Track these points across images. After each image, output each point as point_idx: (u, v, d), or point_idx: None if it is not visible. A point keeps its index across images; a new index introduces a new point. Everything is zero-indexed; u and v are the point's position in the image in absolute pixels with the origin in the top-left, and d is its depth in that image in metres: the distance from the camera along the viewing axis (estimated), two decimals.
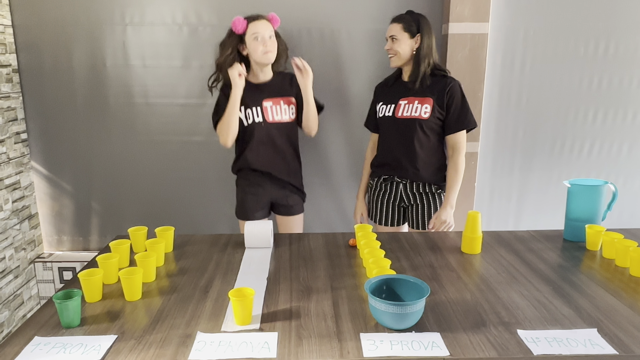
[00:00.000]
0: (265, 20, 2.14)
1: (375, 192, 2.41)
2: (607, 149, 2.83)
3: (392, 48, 2.21)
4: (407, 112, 2.22)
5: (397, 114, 2.24)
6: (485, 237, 1.93)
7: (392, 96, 2.28)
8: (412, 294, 1.32)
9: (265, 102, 2.20)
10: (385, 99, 2.30)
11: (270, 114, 2.21)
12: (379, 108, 2.32)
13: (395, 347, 1.17)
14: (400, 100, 2.24)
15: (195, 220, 2.87)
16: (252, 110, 2.20)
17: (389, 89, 2.31)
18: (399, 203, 2.36)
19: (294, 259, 1.75)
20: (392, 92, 2.29)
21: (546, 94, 2.75)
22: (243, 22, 2.10)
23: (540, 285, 1.52)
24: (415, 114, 2.20)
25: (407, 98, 2.23)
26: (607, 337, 1.22)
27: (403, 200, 2.34)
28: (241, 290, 1.31)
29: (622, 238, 1.71)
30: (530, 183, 2.88)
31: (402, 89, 2.26)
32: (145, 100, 2.73)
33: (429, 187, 2.29)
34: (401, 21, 2.20)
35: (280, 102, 2.23)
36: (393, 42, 2.20)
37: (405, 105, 2.22)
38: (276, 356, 1.15)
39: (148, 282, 1.55)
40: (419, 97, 2.21)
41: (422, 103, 2.20)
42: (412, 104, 2.21)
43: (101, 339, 1.22)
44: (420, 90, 2.20)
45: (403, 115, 2.22)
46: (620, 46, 2.68)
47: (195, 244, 1.91)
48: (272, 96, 2.23)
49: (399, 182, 2.31)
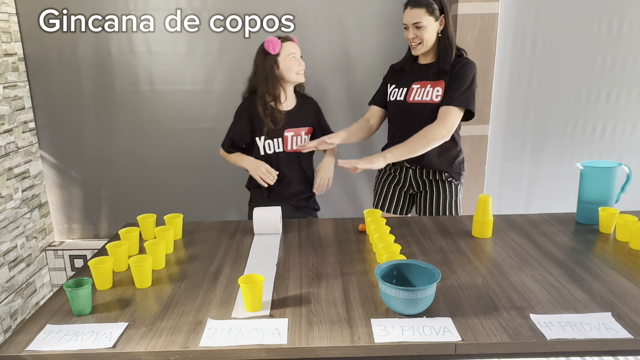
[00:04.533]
0: (294, 42, 2.14)
1: (382, 177, 2.34)
2: (620, 130, 2.78)
3: (417, 36, 2.03)
4: (418, 97, 2.11)
5: (408, 98, 2.13)
6: (496, 220, 1.91)
7: (406, 80, 2.16)
8: (422, 279, 1.31)
9: (287, 132, 2.17)
10: (398, 82, 2.19)
11: (290, 143, 2.19)
12: (390, 90, 2.21)
13: (406, 333, 1.16)
14: (413, 84, 2.13)
15: (204, 206, 2.87)
16: (273, 141, 2.17)
17: (403, 73, 2.19)
18: (407, 190, 2.29)
19: (303, 245, 1.74)
20: (406, 76, 2.17)
21: (558, 74, 2.70)
22: (278, 42, 2.08)
23: (552, 269, 1.51)
24: (427, 98, 2.10)
25: (420, 82, 2.12)
26: (621, 321, 1.20)
27: (412, 186, 2.27)
28: (251, 276, 1.31)
29: (636, 220, 1.68)
30: (541, 166, 2.84)
31: (417, 73, 2.14)
32: (151, 87, 2.71)
33: (439, 174, 2.19)
34: (423, 5, 1.99)
35: (301, 133, 2.21)
36: (418, 29, 2.01)
37: (417, 89, 2.12)
38: (287, 342, 1.14)
39: (158, 269, 1.55)
40: (432, 80, 2.10)
41: (434, 86, 2.09)
42: (424, 88, 2.11)
43: (112, 326, 1.22)
44: (436, 73, 2.09)
45: (414, 100, 2.12)
46: (635, 24, 2.61)
47: (204, 231, 1.91)
48: (295, 126, 2.19)
49: (409, 168, 2.23)
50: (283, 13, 2.58)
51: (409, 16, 2.03)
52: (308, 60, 2.20)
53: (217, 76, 2.68)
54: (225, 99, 2.68)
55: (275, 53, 2.08)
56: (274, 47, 2.07)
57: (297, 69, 2.11)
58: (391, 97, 2.20)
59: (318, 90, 2.57)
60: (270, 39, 2.08)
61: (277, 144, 2.17)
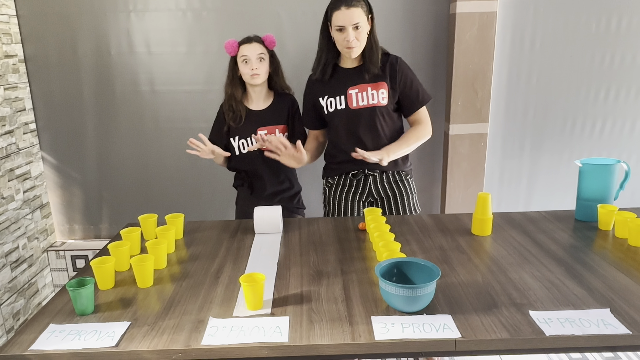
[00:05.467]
0: (256, 43, 2.10)
1: (337, 190, 2.19)
2: (619, 128, 2.79)
3: (356, 38, 1.91)
4: (363, 101, 2.01)
5: (350, 104, 2.02)
6: (496, 218, 1.92)
7: (337, 87, 2.04)
8: (422, 276, 1.32)
9: (260, 130, 2.16)
10: (330, 92, 2.05)
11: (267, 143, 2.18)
12: (325, 102, 2.06)
13: (406, 330, 1.17)
14: (349, 90, 2.02)
15: (205, 206, 2.88)
16: (247, 140, 2.17)
17: (330, 81, 2.05)
18: (365, 199, 2.18)
19: (303, 244, 1.75)
20: (335, 83, 2.04)
21: (557, 72, 2.70)
22: (234, 45, 2.10)
23: (552, 266, 1.51)
24: (373, 101, 2.01)
25: (357, 86, 2.01)
26: (620, 317, 1.21)
27: (372, 194, 2.16)
28: (252, 275, 1.32)
29: (634, 217, 1.69)
30: (540, 164, 2.85)
31: (348, 78, 2.03)
32: (151, 87, 2.72)
33: (399, 175, 2.14)
34: (359, 4, 1.88)
35: (275, 131, 2.19)
36: (356, 30, 1.90)
37: (356, 94, 2.01)
38: (288, 340, 1.15)
39: (159, 269, 1.56)
40: (370, 83, 2.01)
41: (376, 89, 2.01)
42: (364, 92, 2.01)
43: (115, 325, 1.23)
44: (373, 76, 2.01)
45: (359, 105, 2.01)
46: (633, 22, 2.62)
47: (205, 230, 1.92)
48: (268, 124, 2.18)
49: (369, 176, 2.12)
50: (279, 11, 2.59)
51: (347, 17, 1.88)
52: (298, 60, 2.20)
53: (216, 76, 2.68)
54: None
55: (233, 55, 2.10)
56: (230, 50, 2.10)
57: (248, 72, 2.07)
58: (329, 109, 2.06)
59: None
60: (228, 42, 2.09)
61: (251, 143, 2.17)
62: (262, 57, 2.08)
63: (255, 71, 2.06)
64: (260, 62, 2.08)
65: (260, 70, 2.08)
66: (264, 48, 2.10)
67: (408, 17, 2.62)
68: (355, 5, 1.88)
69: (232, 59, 2.13)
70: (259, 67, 2.07)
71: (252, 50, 2.07)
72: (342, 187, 2.18)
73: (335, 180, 2.19)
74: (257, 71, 2.07)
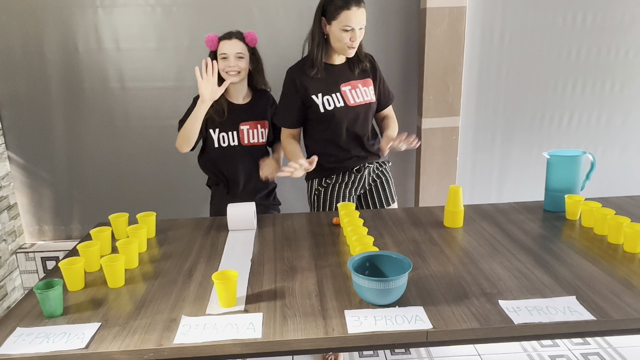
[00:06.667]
0: (237, 39, 2.08)
1: (335, 188, 2.16)
2: (586, 120, 2.86)
3: (359, 38, 1.94)
4: (358, 98, 2.04)
5: (348, 101, 2.03)
6: (468, 210, 1.95)
7: (330, 84, 2.03)
8: (395, 269, 1.33)
9: (242, 125, 2.16)
10: (324, 89, 2.03)
11: (246, 137, 2.17)
12: (322, 100, 2.03)
13: (379, 323, 1.18)
14: (341, 86, 2.03)
15: (179, 204, 2.85)
16: (228, 134, 2.15)
17: (322, 78, 2.02)
18: (355, 191, 2.20)
19: (277, 240, 1.75)
20: (327, 80, 2.03)
21: (526, 66, 2.76)
22: (214, 40, 2.07)
23: (521, 256, 1.55)
24: (367, 97, 2.06)
25: (348, 83, 2.04)
26: (585, 304, 1.25)
27: (364, 185, 2.20)
28: (225, 272, 1.31)
29: (600, 207, 1.74)
30: (511, 156, 2.91)
31: (337, 75, 2.04)
32: (121, 84, 2.67)
33: (384, 164, 2.24)
34: (363, 4, 1.89)
35: (257, 126, 2.19)
36: (360, 30, 1.92)
37: (350, 90, 2.03)
38: (261, 336, 1.15)
39: (131, 268, 1.54)
40: (359, 79, 2.06)
41: (366, 85, 2.06)
42: (356, 89, 2.04)
43: (85, 327, 1.21)
44: (360, 72, 2.06)
45: (356, 102, 2.04)
46: (597, 17, 2.68)
47: (178, 229, 1.90)
48: (250, 119, 2.18)
49: (368, 167, 2.17)
50: (251, 6, 2.57)
51: (358, 17, 1.88)
52: (270, 55, 2.20)
53: (188, 72, 2.65)
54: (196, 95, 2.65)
55: (213, 50, 2.08)
56: (210, 44, 2.08)
57: (224, 68, 2.06)
58: (327, 107, 2.03)
59: None
60: (208, 36, 2.07)
61: (232, 137, 2.15)
62: (241, 56, 2.06)
63: (232, 69, 2.05)
64: (239, 60, 2.06)
65: (238, 67, 2.07)
66: (244, 46, 2.08)
67: (380, 12, 2.63)
68: (363, 5, 1.90)
69: (212, 53, 2.10)
70: (236, 66, 2.06)
71: (232, 47, 2.05)
72: (340, 183, 2.16)
73: (332, 180, 2.15)
74: (234, 69, 2.06)
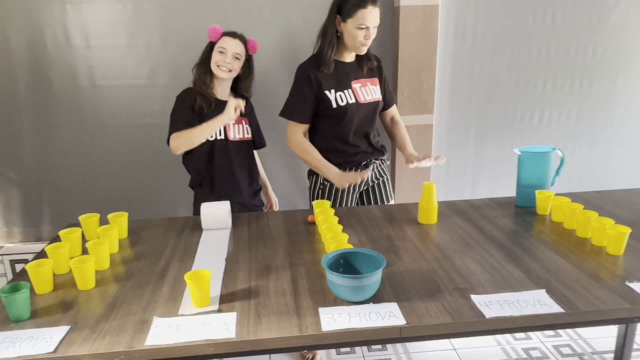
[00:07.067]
0: (239, 40, 2.10)
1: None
2: (556, 117, 2.92)
3: (373, 36, 1.99)
4: (368, 96, 2.11)
5: (359, 99, 2.09)
6: (441, 207, 1.97)
7: (342, 81, 2.07)
8: (369, 266, 1.34)
9: None
10: (336, 86, 2.07)
11: (232, 132, 2.18)
12: (334, 96, 2.06)
13: (353, 320, 1.18)
14: (352, 83, 2.09)
15: (152, 204, 2.81)
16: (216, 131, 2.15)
17: (333, 74, 2.06)
18: (360, 185, 2.24)
19: (252, 238, 1.74)
20: (338, 76, 2.07)
21: (498, 64, 2.80)
22: (218, 32, 2.09)
23: (493, 251, 1.57)
24: (376, 96, 2.14)
25: (358, 80, 2.10)
26: (554, 297, 1.27)
27: (367, 182, 2.24)
28: (198, 272, 1.29)
29: (569, 202, 1.78)
30: (484, 153, 2.95)
31: (348, 72, 2.09)
32: (91, 82, 2.61)
33: (385, 162, 2.32)
34: (377, 3, 1.94)
35: (242, 122, 2.22)
36: (374, 29, 1.97)
37: (360, 88, 2.10)
38: (235, 336, 1.14)
39: (102, 269, 1.51)
40: (368, 78, 2.13)
41: (373, 84, 2.14)
42: (365, 87, 2.11)
43: (53, 330, 1.18)
44: (369, 70, 2.15)
45: (366, 100, 2.11)
46: (566, 17, 2.74)
47: (151, 229, 1.87)
48: None
49: (374, 164, 2.24)
50: (224, 4, 2.54)
51: (374, 16, 1.94)
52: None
53: (160, 70, 2.61)
54: (170, 93, 2.56)
55: (214, 41, 2.11)
56: (214, 35, 2.10)
57: (218, 62, 2.07)
58: (340, 102, 2.06)
59: (265, 85, 2.56)
60: (213, 27, 2.10)
61: (219, 131, 2.14)
62: (238, 57, 2.10)
63: (226, 65, 2.07)
64: (235, 60, 2.10)
65: (231, 67, 2.09)
66: (244, 49, 2.12)
67: None
68: (378, 5, 1.95)
69: (210, 44, 2.12)
70: (231, 64, 2.08)
71: (233, 46, 2.08)
72: None
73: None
74: (228, 66, 2.08)
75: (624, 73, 2.88)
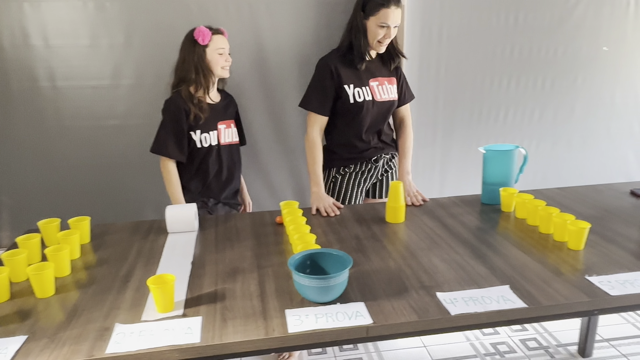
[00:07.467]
0: (224, 35, 2.12)
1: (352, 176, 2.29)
2: (520, 115, 2.98)
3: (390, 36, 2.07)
4: (385, 95, 2.17)
5: (375, 97, 2.15)
6: (409, 205, 1.99)
7: (361, 78, 2.14)
8: (336, 266, 1.33)
9: (220, 124, 2.15)
10: (355, 81, 2.13)
11: (223, 136, 2.17)
12: (353, 91, 2.12)
13: (320, 320, 1.18)
14: (370, 81, 2.15)
15: (118, 208, 2.73)
16: (209, 134, 2.13)
17: (354, 70, 2.13)
18: (370, 178, 2.35)
19: (219, 241, 1.72)
20: (358, 73, 2.14)
21: (463, 63, 2.83)
22: (208, 33, 2.05)
23: (459, 248, 1.59)
24: (392, 95, 2.21)
25: (376, 79, 2.17)
26: (518, 292, 1.30)
27: (376, 176, 2.36)
28: (161, 277, 1.27)
29: (532, 198, 1.82)
30: (452, 151, 2.98)
31: (367, 70, 2.16)
32: (52, 83, 2.53)
33: (394, 155, 2.42)
34: (400, 4, 2.02)
35: (231, 125, 2.22)
36: (395, 29, 2.06)
37: (377, 87, 2.16)
38: (200, 340, 1.12)
39: (62, 276, 1.46)
40: (385, 77, 2.20)
41: (391, 83, 2.22)
42: (382, 85, 2.17)
43: (9, 341, 1.14)
44: (389, 70, 2.23)
45: (382, 99, 2.17)
46: (529, 17, 2.80)
47: (115, 233, 1.83)
48: (225, 118, 2.19)
49: (384, 158, 2.34)
50: (189, 3, 2.50)
51: (396, 16, 2.01)
52: None
53: (124, 70, 2.54)
54: (135, 94, 2.56)
55: (204, 44, 2.06)
56: (203, 38, 2.04)
57: (223, 64, 2.10)
58: (357, 98, 2.12)
59: (234, 87, 2.53)
60: (200, 29, 2.05)
61: (212, 137, 2.13)
62: (230, 52, 2.12)
63: (229, 64, 2.11)
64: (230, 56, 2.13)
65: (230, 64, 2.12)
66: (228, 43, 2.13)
67: (320, 9, 2.63)
68: (400, 5, 2.02)
69: (200, 47, 2.05)
70: (230, 62, 2.11)
71: (225, 43, 2.11)
72: (357, 172, 2.29)
73: (351, 169, 2.27)
74: (229, 65, 2.11)
75: (584, 72, 2.96)
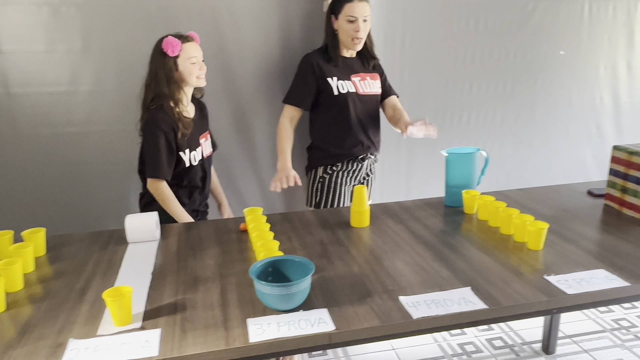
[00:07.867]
0: (195, 43, 2.03)
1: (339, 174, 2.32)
2: (482, 118, 3.04)
3: (363, 30, 2.14)
4: (367, 89, 2.25)
5: (358, 90, 2.23)
6: (374, 209, 1.99)
7: (343, 73, 2.23)
8: (298, 273, 1.32)
9: (201, 139, 2.12)
10: (338, 75, 2.22)
11: (205, 149, 2.16)
12: (336, 84, 2.21)
13: (282, 329, 1.16)
14: (351, 77, 2.23)
15: (78, 218, 2.65)
16: (196, 150, 2.09)
17: (336, 66, 2.23)
18: (356, 178, 2.39)
19: (182, 250, 1.68)
20: (340, 69, 2.23)
21: (426, 67, 2.87)
22: (178, 44, 1.94)
23: (422, 251, 1.60)
24: (375, 89, 2.29)
25: (358, 74, 2.25)
26: (479, 294, 1.31)
27: (362, 177, 2.42)
28: (118, 289, 1.23)
29: (493, 200, 1.85)
30: (416, 154, 3.02)
31: (348, 66, 2.25)
32: (6, 90, 2.44)
33: (376, 159, 2.48)
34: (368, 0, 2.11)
35: (207, 137, 2.20)
36: (364, 22, 2.13)
37: (359, 82, 2.23)
38: (158, 353, 1.09)
39: (14, 291, 1.40)
40: (368, 73, 2.27)
41: (373, 79, 2.28)
42: (365, 80, 2.24)
43: None
44: (371, 67, 2.29)
45: (365, 92, 2.25)
46: (489, 22, 2.86)
47: (72, 244, 1.76)
48: (203, 130, 2.17)
49: (369, 157, 2.39)
50: (148, 7, 2.45)
51: (360, 9, 2.08)
52: None
53: (82, 76, 2.47)
54: (94, 100, 2.49)
55: (175, 55, 1.95)
56: (173, 49, 1.94)
57: (198, 73, 2.01)
58: (341, 90, 2.22)
59: None
60: (169, 40, 1.95)
61: (198, 153, 2.10)
62: (203, 60, 2.03)
63: (204, 73, 2.03)
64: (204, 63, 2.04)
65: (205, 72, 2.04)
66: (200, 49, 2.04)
67: (282, 15, 2.61)
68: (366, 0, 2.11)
69: (170, 59, 1.94)
70: (203, 69, 2.03)
71: (198, 51, 2.01)
72: (344, 171, 2.34)
73: (338, 167, 2.31)
74: (204, 72, 2.03)
75: (543, 75, 3.05)
